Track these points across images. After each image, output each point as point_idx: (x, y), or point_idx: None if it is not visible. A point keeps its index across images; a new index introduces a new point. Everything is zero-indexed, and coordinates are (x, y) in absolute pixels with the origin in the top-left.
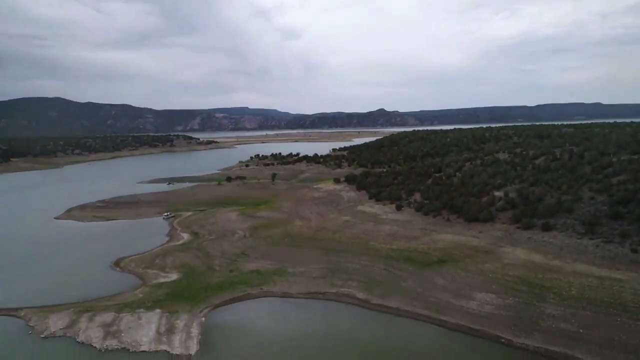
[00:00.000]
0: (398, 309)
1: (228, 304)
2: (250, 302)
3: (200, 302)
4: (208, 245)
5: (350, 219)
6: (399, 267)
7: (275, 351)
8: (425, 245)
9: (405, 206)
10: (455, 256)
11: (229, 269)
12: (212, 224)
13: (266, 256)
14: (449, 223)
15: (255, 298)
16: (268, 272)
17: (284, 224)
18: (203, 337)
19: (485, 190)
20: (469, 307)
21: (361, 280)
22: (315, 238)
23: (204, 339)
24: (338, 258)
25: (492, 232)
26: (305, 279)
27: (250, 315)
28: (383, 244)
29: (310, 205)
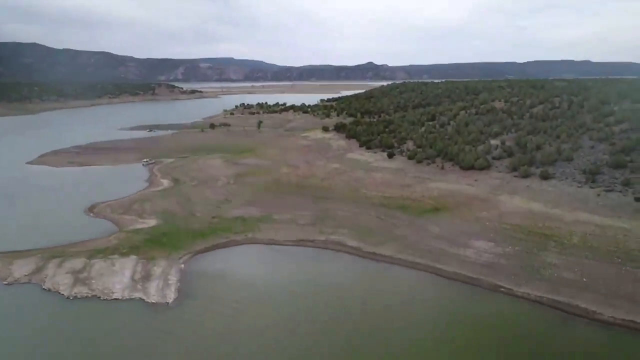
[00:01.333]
0: (391, 257)
1: (210, 250)
2: (233, 249)
3: (180, 249)
4: (189, 191)
5: (340, 166)
6: (391, 215)
7: (259, 299)
8: (419, 194)
9: (397, 154)
10: (451, 204)
11: (212, 215)
12: (194, 171)
13: (251, 203)
14: (443, 171)
15: (239, 245)
16: (253, 219)
17: (270, 172)
18: (182, 284)
19: (481, 139)
20: (466, 255)
21: (352, 228)
22: (303, 185)
23: (183, 287)
24: (327, 205)
25: (489, 181)
26: (292, 226)
27: (233, 263)
28: (374, 192)
29: (298, 153)
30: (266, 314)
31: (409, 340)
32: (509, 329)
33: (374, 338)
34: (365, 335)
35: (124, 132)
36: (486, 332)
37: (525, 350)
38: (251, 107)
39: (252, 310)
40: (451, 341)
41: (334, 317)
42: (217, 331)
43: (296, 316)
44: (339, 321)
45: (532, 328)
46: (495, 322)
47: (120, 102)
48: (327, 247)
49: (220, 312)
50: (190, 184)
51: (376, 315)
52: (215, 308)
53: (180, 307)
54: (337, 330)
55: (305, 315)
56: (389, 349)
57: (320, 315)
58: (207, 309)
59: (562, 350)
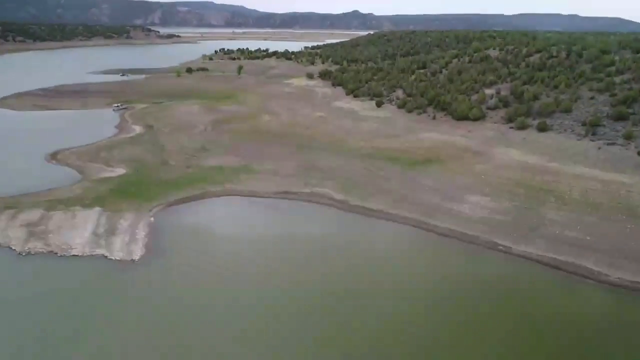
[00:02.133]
0: (381, 211)
1: (183, 202)
2: (210, 201)
3: (151, 200)
4: (163, 138)
5: (326, 115)
6: (380, 167)
7: (234, 257)
8: (410, 144)
9: (386, 103)
10: (443, 156)
11: (187, 164)
12: (168, 117)
13: (230, 152)
14: (435, 122)
15: (216, 197)
16: (232, 169)
17: (251, 119)
18: (151, 240)
19: (474, 88)
20: (460, 210)
21: (338, 180)
22: (286, 134)
23: (152, 242)
24: (312, 156)
25: (483, 132)
26: (274, 177)
27: (208, 216)
28: (362, 142)
29: (281, 101)
30: (242, 273)
31: (399, 301)
32: (508, 290)
33: (361, 298)
34: (352, 296)
35: (95, 76)
36: (483, 294)
37: (527, 312)
38: (231, 52)
39: (226, 269)
40: (445, 302)
41: (318, 278)
42: (187, 293)
43: (276, 277)
44: (323, 283)
45: (533, 289)
46: (492, 283)
47: (93, 45)
48: (312, 200)
49: (192, 271)
50: (164, 130)
51: (364, 274)
52: (186, 266)
53: (147, 265)
54: (321, 293)
55: (287, 276)
56: (378, 309)
57: (303, 276)
58: (177, 268)
59: (564, 312)
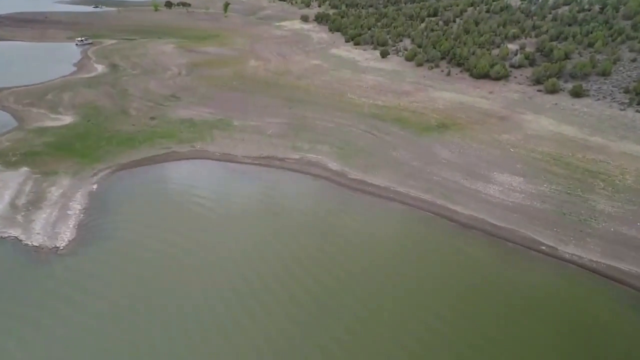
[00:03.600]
0: (387, 189)
1: (139, 165)
2: (173, 165)
3: (97, 161)
4: (128, 81)
5: (322, 63)
6: (386, 130)
7: (195, 247)
8: (421, 104)
9: (392, 53)
10: (462, 121)
11: (151, 115)
12: (138, 56)
13: (205, 102)
14: (449, 78)
15: (182, 160)
16: (206, 123)
17: (235, 63)
18: (88, 217)
19: (495, 42)
20: (488, 193)
21: (335, 145)
22: (275, 84)
23: (89, 222)
24: (304, 112)
25: (507, 94)
26: (257, 137)
27: (169, 187)
28: (365, 99)
29: (271, 45)
30: (202, 269)
31: (405, 327)
32: (565, 312)
33: (357, 310)
34: (346, 308)
35: (63, 5)
36: (529, 319)
37: (596, 346)
38: None
39: (184, 262)
40: (473, 334)
41: (303, 281)
42: (127, 296)
43: (250, 281)
44: (310, 288)
45: (597, 313)
46: (540, 304)
47: None
48: (301, 170)
49: (138, 267)
50: (130, 72)
51: (364, 281)
52: (130, 260)
53: (76, 257)
54: (307, 299)
55: (263, 279)
56: (378, 335)
57: (282, 278)
58: (118, 262)
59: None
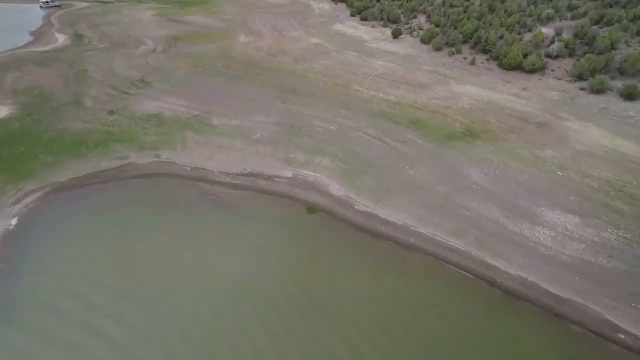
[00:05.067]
0: (405, 229)
1: (82, 185)
2: (126, 187)
3: (25, 177)
4: (91, 58)
5: (323, 42)
6: (400, 137)
7: (139, 326)
8: (441, 102)
9: (405, 33)
10: (492, 127)
11: (110, 107)
12: (110, 25)
13: (181, 89)
14: (474, 68)
15: (140, 177)
16: (178, 121)
17: (222, 38)
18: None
19: (526, 24)
20: (538, 240)
21: (338, 156)
22: (267, 67)
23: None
24: (301, 107)
25: (544, 92)
26: (240, 144)
27: (115, 227)
28: (374, 91)
29: (265, 15)
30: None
31: None
32: None
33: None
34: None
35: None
36: None
37: None
38: None
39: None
40: None
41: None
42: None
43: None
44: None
45: None
46: None
47: None
48: (294, 197)
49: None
50: (97, 45)
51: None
52: (46, 342)
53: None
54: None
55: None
56: None
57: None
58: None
59: None
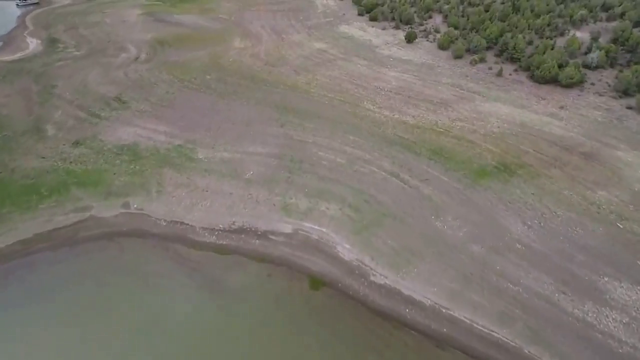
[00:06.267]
0: (436, 312)
1: (24, 255)
2: (84, 251)
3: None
4: (62, 69)
5: (328, 48)
6: (422, 173)
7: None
8: (467, 124)
9: (420, 36)
10: (530, 158)
11: (76, 137)
12: (90, 26)
13: (162, 111)
14: (501, 81)
15: (103, 239)
16: (156, 154)
17: (214, 42)
18: None
19: (558, 27)
20: (605, 329)
21: (348, 201)
22: (264, 80)
23: None
24: (302, 133)
25: (585, 111)
26: (229, 185)
27: (64, 309)
28: (388, 111)
29: (264, 13)
30: None
31: None
32: None
33: None
34: None
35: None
36: None
37: None
38: None
39: None
40: None
41: None
42: None
43: None
44: None
45: None
46: None
47: None
48: (294, 264)
49: None
50: (72, 52)
51: None
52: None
53: None
54: None
55: None
56: None
57: None
58: None
59: None
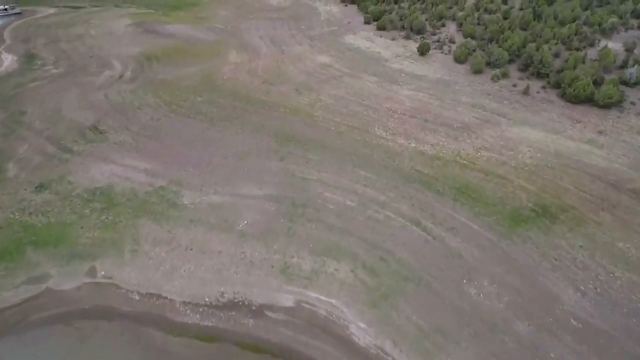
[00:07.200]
0: None
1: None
2: (32, 341)
3: None
4: (36, 92)
5: (332, 62)
6: (447, 220)
7: None
8: (494, 154)
9: (434, 47)
10: (573, 199)
11: (40, 178)
12: (73, 40)
13: (145, 142)
14: (528, 100)
15: (57, 322)
16: (133, 199)
17: (208, 57)
18: None
19: (587, 37)
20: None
21: (360, 259)
22: (262, 102)
23: None
24: (306, 167)
25: (627, 137)
26: (218, 241)
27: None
28: (402, 138)
29: (263, 22)
30: None
31: None
32: None
33: None
34: None
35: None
36: None
37: None
38: None
39: None
40: None
41: None
42: None
43: None
44: None
45: None
46: None
47: None
48: (295, 351)
49: None
50: (49, 70)
51: None
52: None
53: None
54: None
55: None
56: None
57: None
58: None
59: None
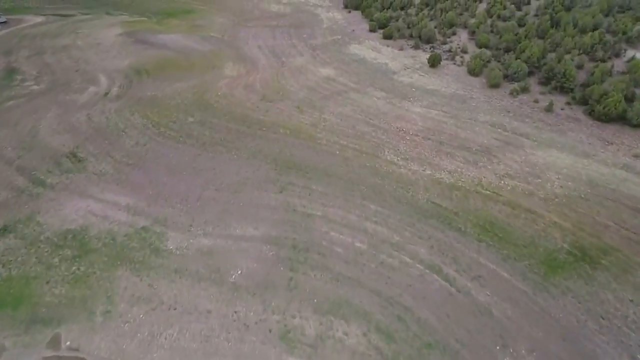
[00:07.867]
0: None
1: None
2: None
3: None
4: (11, 112)
5: (336, 75)
6: (472, 265)
7: None
8: (520, 183)
9: (445, 58)
10: (614, 239)
11: (7, 218)
12: (59, 51)
13: (127, 173)
14: (552, 118)
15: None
16: (110, 245)
17: (202, 71)
18: None
19: (610, 45)
20: None
21: (374, 319)
22: (260, 123)
23: None
24: (308, 201)
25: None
26: (207, 298)
27: None
28: (416, 164)
29: (262, 30)
30: None
31: None
32: None
33: None
34: None
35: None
36: None
37: None
38: None
39: None
40: None
41: None
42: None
43: None
44: None
45: None
46: None
47: None
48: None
49: None
50: (28, 88)
51: None
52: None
53: None
54: None
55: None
56: None
57: None
58: None
59: None
